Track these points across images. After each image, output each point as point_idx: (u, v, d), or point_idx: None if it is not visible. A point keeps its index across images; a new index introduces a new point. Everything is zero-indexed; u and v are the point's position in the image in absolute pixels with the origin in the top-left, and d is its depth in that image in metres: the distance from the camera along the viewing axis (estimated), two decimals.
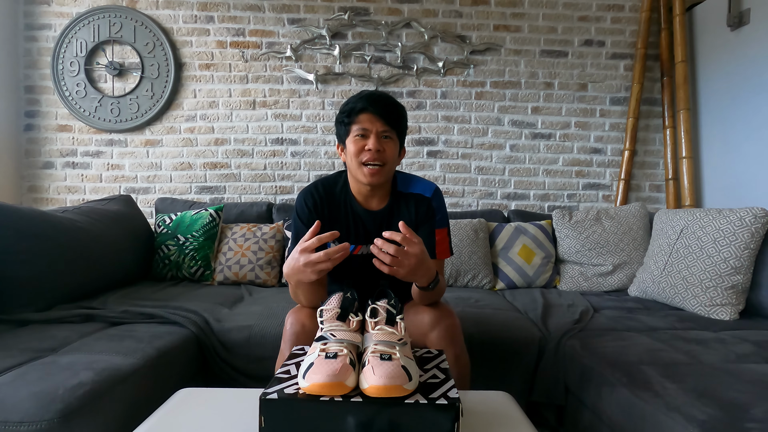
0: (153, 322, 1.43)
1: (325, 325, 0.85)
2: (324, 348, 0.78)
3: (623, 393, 1.09)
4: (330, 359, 0.74)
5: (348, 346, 0.79)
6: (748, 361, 1.18)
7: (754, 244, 1.59)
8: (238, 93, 2.48)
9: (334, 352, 0.76)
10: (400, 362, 0.74)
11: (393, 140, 1.14)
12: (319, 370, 0.72)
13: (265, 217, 2.30)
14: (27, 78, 2.44)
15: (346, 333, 0.82)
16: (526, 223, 2.20)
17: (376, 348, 0.77)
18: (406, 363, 0.75)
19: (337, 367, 0.72)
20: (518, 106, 2.52)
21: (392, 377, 0.70)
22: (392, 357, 0.75)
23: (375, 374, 0.71)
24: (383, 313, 0.85)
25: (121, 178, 2.49)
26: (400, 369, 0.72)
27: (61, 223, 1.58)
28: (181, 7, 2.45)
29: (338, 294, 0.90)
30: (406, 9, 2.46)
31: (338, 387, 0.70)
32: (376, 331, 0.83)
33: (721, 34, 2.22)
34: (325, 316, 0.86)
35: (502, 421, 0.86)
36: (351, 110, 1.12)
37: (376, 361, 0.74)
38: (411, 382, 0.72)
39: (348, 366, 0.73)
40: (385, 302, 0.87)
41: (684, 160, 2.30)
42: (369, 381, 0.71)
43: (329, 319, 0.85)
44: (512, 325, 1.53)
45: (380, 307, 0.86)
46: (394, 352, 0.76)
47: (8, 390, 0.92)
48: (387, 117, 1.11)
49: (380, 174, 1.12)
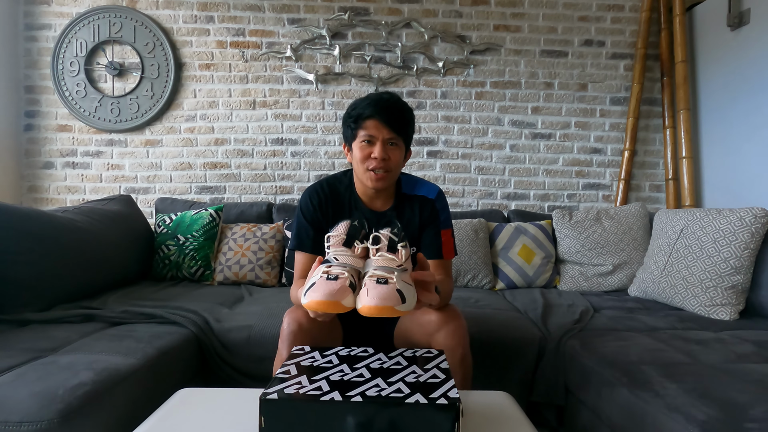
0: (153, 322, 1.43)
1: (330, 249, 0.87)
2: (327, 270, 0.81)
3: (623, 393, 1.09)
4: (331, 281, 0.77)
5: (350, 270, 0.81)
6: (748, 361, 1.18)
7: (754, 244, 1.59)
8: (238, 93, 2.48)
9: (336, 275, 0.79)
10: (395, 286, 0.77)
11: (399, 147, 1.15)
12: (319, 288, 0.75)
13: (265, 217, 2.30)
14: (27, 78, 2.44)
15: (349, 258, 0.85)
16: (526, 223, 2.20)
17: (374, 273, 0.80)
18: (402, 287, 0.77)
19: (335, 288, 0.75)
20: (518, 106, 2.52)
21: (384, 299, 0.74)
22: (389, 281, 0.78)
23: (368, 296, 0.74)
24: (385, 241, 0.87)
25: (121, 178, 2.49)
26: (394, 292, 0.75)
27: (61, 223, 1.58)
28: (181, 7, 2.45)
29: (346, 222, 0.92)
30: (406, 9, 2.46)
31: (335, 305, 0.74)
32: (377, 257, 0.85)
33: (721, 34, 2.22)
34: (331, 241, 0.88)
35: (502, 421, 0.87)
36: (358, 116, 1.12)
37: (371, 284, 0.77)
38: (405, 304, 0.75)
39: (347, 287, 0.77)
40: (388, 231, 0.89)
41: (684, 160, 2.30)
42: (362, 302, 0.75)
43: (335, 244, 0.88)
44: (512, 325, 1.53)
45: (382, 235, 0.88)
46: (391, 276, 0.79)
47: (8, 390, 0.92)
48: (394, 124, 1.12)
49: (385, 179, 1.15)
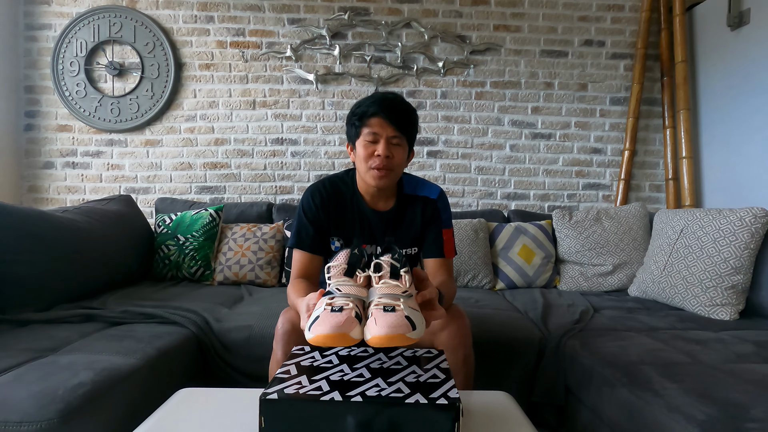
0: (153, 322, 1.43)
1: (332, 280, 0.85)
2: (330, 302, 0.78)
3: (623, 393, 1.09)
4: (335, 312, 0.74)
5: (354, 301, 0.79)
6: (748, 361, 1.18)
7: (754, 244, 1.59)
8: (238, 93, 2.48)
9: (340, 306, 0.76)
10: (403, 313, 0.74)
11: (402, 146, 1.15)
12: (325, 321, 0.72)
13: (265, 217, 2.30)
14: (27, 78, 2.44)
15: (352, 288, 0.82)
16: (526, 223, 2.20)
17: (379, 301, 0.78)
18: (410, 313, 0.75)
19: (341, 319, 0.72)
20: (518, 106, 2.52)
21: (394, 327, 0.71)
22: (396, 308, 0.75)
23: (377, 325, 0.71)
24: (387, 268, 0.85)
25: (121, 178, 2.49)
26: (403, 319, 0.72)
27: (61, 223, 1.58)
28: (181, 7, 2.45)
29: (345, 250, 0.90)
30: (406, 9, 2.46)
31: (342, 338, 0.71)
32: (381, 285, 0.83)
33: (721, 34, 2.22)
34: (332, 272, 0.86)
35: (502, 421, 0.86)
36: (363, 114, 1.13)
37: (379, 312, 0.74)
38: (415, 331, 0.72)
39: (353, 318, 0.74)
40: (389, 257, 0.87)
41: (684, 160, 2.30)
42: (371, 332, 0.71)
43: (336, 274, 0.85)
44: (512, 325, 1.53)
45: (384, 261, 0.86)
46: (398, 303, 0.76)
47: (8, 390, 0.92)
48: (398, 123, 1.12)
49: (388, 178, 1.15)
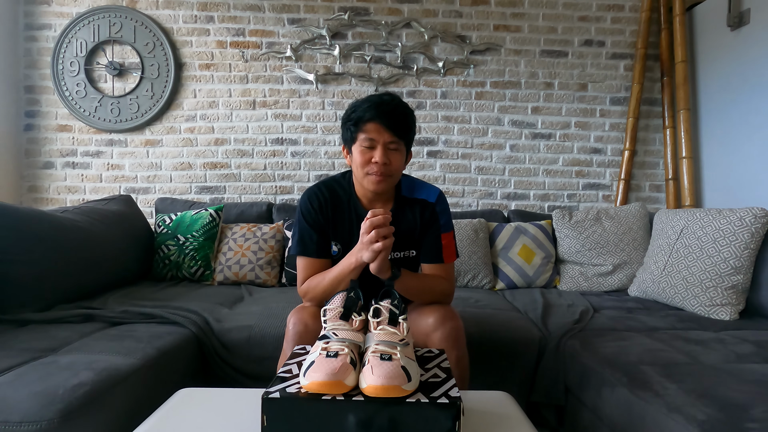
0: (153, 322, 1.43)
1: (328, 324, 0.85)
2: (326, 347, 0.77)
3: (623, 393, 1.09)
4: (331, 358, 0.74)
5: (350, 346, 0.78)
6: (748, 361, 1.18)
7: (754, 244, 1.59)
8: (238, 93, 2.48)
9: (335, 351, 0.76)
10: (400, 362, 0.73)
11: (400, 150, 1.13)
12: (319, 368, 0.72)
13: (265, 217, 2.30)
14: (27, 78, 2.44)
15: (348, 332, 0.82)
16: (526, 223, 2.20)
17: (376, 348, 0.77)
18: (406, 363, 0.74)
19: (336, 366, 0.72)
20: (518, 106, 2.52)
21: (390, 377, 0.70)
22: (392, 357, 0.74)
23: (374, 374, 0.71)
24: (386, 313, 0.84)
25: (121, 178, 2.49)
26: (399, 369, 0.72)
27: (61, 223, 1.58)
28: (181, 7, 2.45)
29: (342, 293, 0.89)
30: (406, 9, 2.46)
31: (337, 386, 0.70)
32: (378, 331, 0.83)
33: (721, 34, 2.22)
34: (328, 315, 0.86)
35: (502, 421, 0.86)
36: (359, 119, 1.09)
37: (375, 360, 0.74)
38: (410, 382, 0.72)
39: (348, 365, 0.73)
40: (389, 302, 0.86)
41: (684, 160, 2.30)
42: (367, 381, 0.71)
43: (332, 318, 0.85)
44: (512, 325, 1.53)
45: (383, 307, 0.85)
46: (395, 352, 0.76)
47: (8, 390, 0.92)
48: (395, 128, 1.09)
49: (386, 183, 1.12)
